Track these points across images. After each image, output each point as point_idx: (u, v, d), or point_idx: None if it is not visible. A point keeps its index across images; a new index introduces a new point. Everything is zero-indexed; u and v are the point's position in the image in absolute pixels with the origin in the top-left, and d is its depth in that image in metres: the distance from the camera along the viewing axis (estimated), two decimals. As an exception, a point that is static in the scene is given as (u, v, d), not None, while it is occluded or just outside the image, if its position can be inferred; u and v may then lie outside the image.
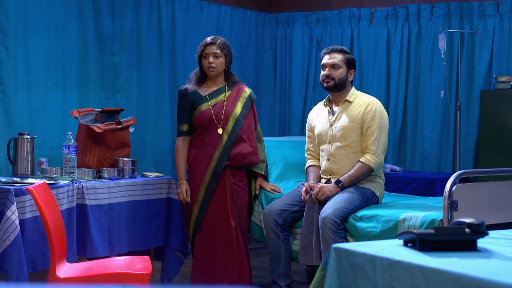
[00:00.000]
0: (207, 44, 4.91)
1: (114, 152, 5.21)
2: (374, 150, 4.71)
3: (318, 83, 7.33)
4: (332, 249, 2.75)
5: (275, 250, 4.79)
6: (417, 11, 6.77)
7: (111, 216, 4.89)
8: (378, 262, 2.56)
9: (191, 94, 4.92)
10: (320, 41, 7.33)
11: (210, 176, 4.83)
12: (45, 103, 5.58)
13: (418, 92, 6.77)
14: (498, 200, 4.28)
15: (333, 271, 2.71)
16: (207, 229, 4.83)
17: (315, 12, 7.37)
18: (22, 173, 4.99)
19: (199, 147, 4.91)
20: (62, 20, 5.69)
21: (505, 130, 5.92)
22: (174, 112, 6.54)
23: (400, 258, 2.52)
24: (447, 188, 4.05)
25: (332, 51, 4.90)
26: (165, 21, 6.45)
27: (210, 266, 4.83)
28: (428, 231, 2.64)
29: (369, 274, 2.58)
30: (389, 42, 6.93)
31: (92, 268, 4.05)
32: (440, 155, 6.63)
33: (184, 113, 4.95)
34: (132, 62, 6.22)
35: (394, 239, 2.86)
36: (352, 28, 7.13)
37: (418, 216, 4.26)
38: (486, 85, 6.36)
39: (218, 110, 4.88)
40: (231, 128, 4.87)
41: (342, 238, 4.49)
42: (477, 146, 6.35)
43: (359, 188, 4.71)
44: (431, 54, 6.67)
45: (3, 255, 4.22)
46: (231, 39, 7.13)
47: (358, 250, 2.65)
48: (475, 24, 6.43)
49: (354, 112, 4.81)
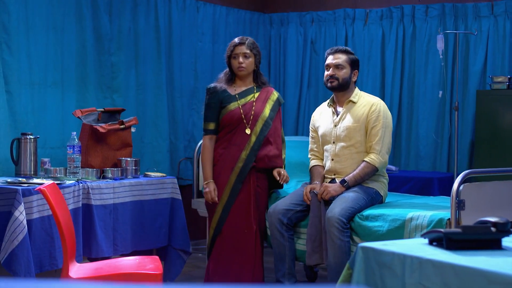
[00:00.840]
0: (236, 45, 4.89)
1: (116, 152, 5.22)
2: (378, 150, 4.75)
3: (312, 83, 7.39)
4: (359, 248, 2.77)
5: (280, 249, 4.81)
6: (412, 11, 6.82)
7: (115, 216, 4.89)
8: (407, 261, 2.59)
9: (220, 93, 4.88)
10: (315, 42, 7.37)
11: (236, 177, 4.82)
12: (45, 102, 5.58)
13: (413, 92, 6.82)
14: (503, 199, 4.33)
15: (360, 270, 2.74)
16: (229, 229, 4.82)
17: (309, 13, 7.40)
18: (25, 173, 4.97)
19: (225, 147, 4.87)
20: (61, 19, 5.69)
21: (501, 130, 5.98)
22: (172, 111, 6.59)
23: (430, 256, 2.55)
24: (454, 188, 4.09)
25: (336, 51, 4.93)
26: (162, 21, 6.46)
27: (227, 266, 4.82)
28: (455, 230, 2.67)
29: (397, 272, 2.61)
30: (384, 42, 6.98)
31: (103, 268, 4.05)
32: (435, 155, 6.69)
33: (212, 111, 4.88)
34: (130, 62, 6.22)
35: (419, 238, 2.89)
36: (347, 28, 7.17)
37: (426, 215, 4.30)
38: (480, 86, 6.42)
39: (248, 110, 4.88)
40: (259, 129, 4.88)
41: (348, 237, 4.52)
42: (472, 146, 6.41)
43: (364, 187, 4.75)
44: (426, 55, 6.73)
45: (11, 255, 4.21)
46: (226, 39, 7.14)
47: (386, 249, 2.68)
48: (470, 25, 6.49)
49: (359, 112, 4.84)
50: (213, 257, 4.86)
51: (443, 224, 4.19)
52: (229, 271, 4.82)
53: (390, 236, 4.36)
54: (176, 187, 5.29)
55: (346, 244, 4.50)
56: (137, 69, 6.28)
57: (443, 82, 6.50)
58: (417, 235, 4.27)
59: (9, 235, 4.23)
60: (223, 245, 4.83)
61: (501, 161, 5.82)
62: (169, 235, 5.24)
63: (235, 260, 4.82)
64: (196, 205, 5.79)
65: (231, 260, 4.82)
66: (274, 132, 4.96)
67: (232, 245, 4.82)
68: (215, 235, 4.84)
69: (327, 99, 7.17)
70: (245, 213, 4.82)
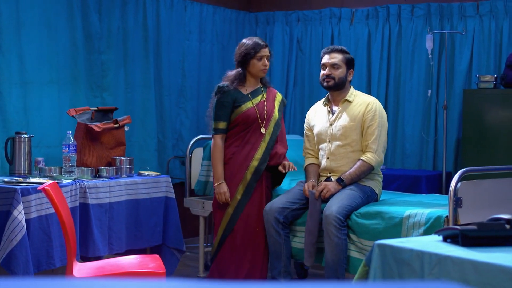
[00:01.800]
0: (262, 47, 4.90)
1: (110, 151, 5.21)
2: (375, 149, 4.80)
3: (298, 82, 7.42)
4: (375, 246, 2.81)
5: (276, 247, 4.83)
6: (398, 11, 6.88)
7: (111, 215, 4.89)
8: (425, 257, 2.63)
9: (233, 92, 4.87)
10: (300, 41, 7.41)
11: (251, 176, 4.85)
12: (37, 101, 5.55)
13: (399, 91, 6.88)
14: (500, 197, 4.40)
15: (377, 267, 2.78)
16: (241, 228, 4.84)
17: (295, 12, 7.43)
18: (20, 173, 4.95)
19: (238, 145, 4.88)
20: (52, 18, 5.67)
21: (488, 129, 6.06)
22: (160, 110, 6.58)
23: (449, 253, 2.59)
24: (452, 186, 4.15)
25: (332, 51, 4.97)
26: (150, 20, 6.46)
27: (238, 265, 4.83)
28: (470, 227, 2.72)
29: (416, 269, 2.65)
30: (370, 42, 7.03)
31: (105, 267, 4.04)
32: (421, 153, 6.76)
33: (224, 111, 4.86)
34: (119, 60, 6.21)
35: (433, 235, 2.93)
36: (333, 27, 7.22)
37: (423, 213, 4.35)
38: (466, 85, 6.50)
39: (261, 110, 4.92)
40: (272, 129, 4.93)
41: (345, 235, 4.56)
42: (457, 144, 6.49)
43: (360, 185, 4.79)
44: (412, 54, 6.79)
45: (10, 255, 4.20)
46: (213, 37, 7.17)
47: (404, 246, 2.72)
48: (456, 25, 6.57)
49: (355, 111, 4.88)
50: (221, 256, 4.85)
51: (441, 221, 4.24)
52: (238, 270, 4.83)
53: (387, 233, 4.40)
54: (170, 185, 5.30)
55: (343, 242, 4.54)
56: (126, 68, 6.27)
57: (433, 81, 6.56)
58: (414, 232, 4.33)
59: (8, 235, 4.21)
60: (234, 244, 4.83)
61: (488, 160, 5.89)
62: (163, 234, 5.24)
63: (246, 259, 4.85)
64: (188, 203, 5.79)
65: (242, 259, 4.84)
66: (281, 131, 5.02)
67: (243, 244, 4.84)
68: (225, 234, 4.84)
69: (313, 98, 7.30)
70: (257, 211, 4.86)
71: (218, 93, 4.88)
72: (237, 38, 7.44)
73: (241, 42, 4.98)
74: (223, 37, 7.28)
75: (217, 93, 4.88)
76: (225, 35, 7.32)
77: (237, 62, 4.95)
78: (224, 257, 4.85)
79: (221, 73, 7.23)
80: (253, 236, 4.85)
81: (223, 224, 4.85)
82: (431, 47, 6.13)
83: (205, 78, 7.09)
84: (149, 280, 1.25)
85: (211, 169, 5.52)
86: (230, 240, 4.84)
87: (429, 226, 4.27)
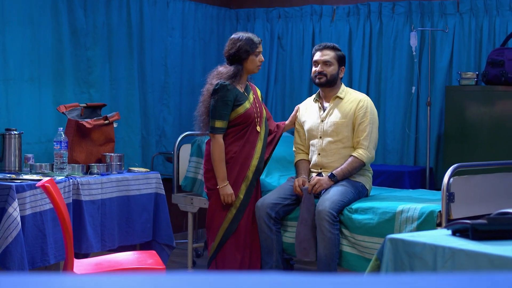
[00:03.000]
0: (259, 43, 4.88)
1: (100, 148, 5.21)
2: (366, 146, 4.86)
3: (279, 78, 7.46)
4: (387, 240, 2.86)
5: (268, 243, 4.87)
6: (379, 8, 6.95)
7: (103, 211, 4.89)
8: (439, 251, 2.69)
9: (234, 90, 4.79)
10: (281, 37, 7.45)
11: (252, 175, 4.85)
12: (21, 98, 5.51)
13: (380, 88, 6.96)
14: (490, 192, 4.49)
15: (389, 260, 2.83)
16: (243, 226, 4.85)
17: (276, 8, 7.47)
18: (10, 169, 4.93)
19: (239, 145, 4.82)
20: (37, 13, 5.64)
21: (469, 125, 6.16)
22: (144, 106, 6.58)
23: (462, 246, 2.65)
24: (445, 181, 4.23)
25: (324, 48, 5.01)
26: (134, 16, 6.45)
27: (239, 262, 4.85)
28: (480, 221, 2.78)
29: (428, 262, 2.71)
30: (351, 39, 7.09)
31: (103, 264, 4.05)
32: (402, 149, 6.84)
33: (227, 109, 4.75)
34: (104, 56, 6.19)
35: (441, 229, 2.99)
36: (314, 24, 7.27)
37: (416, 207, 4.42)
38: (447, 81, 6.60)
39: (256, 107, 4.91)
40: (264, 126, 4.95)
41: (337, 230, 4.62)
42: (438, 140, 6.59)
43: (352, 181, 4.85)
44: (393, 51, 6.87)
45: (5, 252, 4.19)
46: (195, 34, 7.18)
47: (416, 240, 2.77)
48: (436, 22, 6.66)
49: (346, 108, 4.94)
50: (223, 255, 4.85)
51: (434, 216, 4.32)
52: (242, 267, 4.85)
53: (380, 228, 4.47)
54: (160, 182, 5.32)
55: (336, 237, 4.59)
56: (110, 64, 6.25)
57: (416, 78, 6.65)
58: (407, 227, 4.39)
59: (3, 232, 4.20)
60: (238, 243, 4.84)
61: (470, 155, 5.99)
62: (153, 230, 5.25)
63: (249, 256, 4.87)
64: (176, 200, 5.80)
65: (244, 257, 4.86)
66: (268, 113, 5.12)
67: (246, 242, 4.86)
68: (227, 233, 4.83)
69: (294, 94, 7.35)
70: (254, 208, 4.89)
71: (220, 91, 4.74)
72: (218, 34, 7.47)
73: (235, 38, 4.86)
74: (204, 34, 7.30)
75: (219, 91, 4.74)
76: (207, 32, 7.33)
77: (233, 58, 4.83)
78: (226, 256, 4.84)
79: (203, 69, 7.25)
80: (254, 233, 4.88)
81: (225, 224, 4.83)
82: (415, 44, 6.22)
83: (187, 75, 7.10)
84: (164, 274, 1.27)
85: (199, 166, 5.54)
86: (233, 239, 4.84)
87: (422, 220, 4.35)
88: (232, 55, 4.83)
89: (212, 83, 4.83)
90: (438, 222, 4.29)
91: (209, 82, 4.88)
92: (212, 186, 4.86)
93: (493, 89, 6.04)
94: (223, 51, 4.94)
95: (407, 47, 6.73)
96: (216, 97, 4.75)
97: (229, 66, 4.85)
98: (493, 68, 6.02)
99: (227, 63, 4.89)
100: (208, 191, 4.90)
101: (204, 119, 4.87)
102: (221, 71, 4.85)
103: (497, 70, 5.98)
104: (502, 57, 5.97)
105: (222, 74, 4.81)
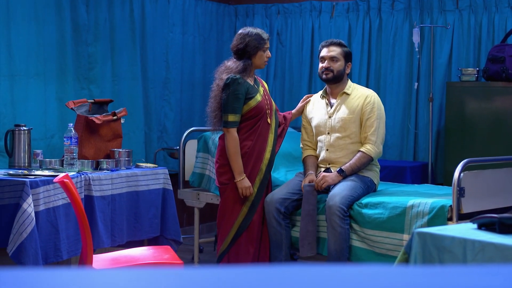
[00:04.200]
0: (268, 38, 4.93)
1: (108, 143, 5.22)
2: (374, 141, 4.92)
3: (278, 74, 7.50)
4: (415, 234, 2.91)
5: (277, 237, 4.90)
6: (378, 5, 7.00)
7: (113, 207, 4.91)
8: (468, 245, 2.74)
9: (245, 84, 4.80)
10: (280, 33, 7.48)
11: (266, 168, 4.88)
12: (26, 93, 5.51)
13: (379, 84, 7.01)
14: (499, 186, 4.56)
15: (417, 254, 2.87)
16: (257, 220, 4.88)
17: (275, 4, 7.50)
18: (20, 165, 4.93)
19: (252, 139, 4.84)
20: (41, 9, 5.63)
21: (470, 121, 6.22)
22: (146, 102, 6.59)
23: (491, 240, 2.70)
24: (456, 176, 4.29)
25: (330, 44, 5.06)
26: (136, 12, 6.45)
27: (252, 255, 4.89)
28: (507, 215, 2.83)
29: (458, 256, 2.76)
30: (350, 35, 7.13)
31: (119, 259, 4.07)
32: (402, 144, 6.90)
33: (240, 103, 4.76)
34: (106, 52, 6.19)
35: (467, 223, 3.04)
36: (313, 21, 7.30)
37: (427, 202, 4.48)
38: (446, 77, 6.66)
39: (266, 100, 4.94)
40: (274, 118, 4.97)
41: (348, 225, 4.67)
42: (438, 135, 6.65)
43: (360, 176, 4.90)
44: (392, 47, 6.92)
45: (20, 247, 4.20)
46: (195, 30, 7.20)
47: (445, 234, 2.82)
48: (436, 19, 6.71)
49: (353, 104, 4.98)
50: (237, 249, 4.87)
51: (445, 210, 4.37)
52: (255, 261, 4.88)
53: (390, 223, 4.53)
54: (168, 177, 5.34)
55: (346, 232, 4.64)
56: (113, 60, 6.26)
57: (416, 74, 6.70)
58: (418, 222, 4.45)
59: (18, 228, 4.21)
60: (251, 237, 4.87)
61: (471, 151, 6.06)
62: (161, 225, 5.28)
63: (262, 250, 4.91)
64: (183, 195, 5.82)
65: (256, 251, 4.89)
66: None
67: (259, 236, 4.90)
68: (242, 227, 4.85)
69: (293, 90, 7.39)
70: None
71: (232, 85, 4.75)
72: (217, 30, 7.49)
73: (243, 33, 4.88)
74: (204, 30, 7.32)
75: (231, 85, 4.75)
76: (206, 28, 7.35)
77: (241, 53, 4.84)
78: (240, 250, 4.87)
79: (202, 65, 7.28)
80: (264, 228, 4.92)
81: (240, 218, 4.85)
82: (418, 40, 6.27)
83: (187, 70, 7.12)
84: (190, 268, 1.27)
85: (206, 161, 5.57)
86: (247, 233, 4.88)
87: (433, 215, 4.40)
88: (241, 50, 4.85)
89: (222, 78, 4.83)
90: (449, 217, 4.35)
91: (219, 77, 4.87)
92: (226, 181, 4.86)
93: (494, 85, 6.11)
94: (231, 45, 4.96)
95: (407, 43, 6.79)
96: (227, 92, 4.76)
97: (238, 60, 4.86)
98: (493, 64, 6.09)
99: (234, 58, 4.90)
100: (221, 185, 4.89)
101: (216, 115, 4.86)
102: (230, 66, 4.85)
103: (498, 66, 6.05)
104: (503, 54, 6.04)
105: (231, 69, 4.82)
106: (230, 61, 4.90)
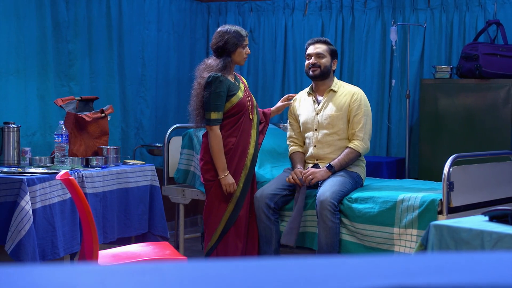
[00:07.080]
0: (246, 35, 4.95)
1: (95, 140, 5.23)
2: (362, 137, 5.03)
3: (251, 71, 7.56)
4: (431, 226, 3.01)
5: (266, 232, 4.98)
6: (351, 3, 7.11)
7: (105, 204, 4.93)
8: (485, 236, 2.85)
9: (226, 81, 4.84)
10: (253, 31, 7.54)
11: (250, 163, 4.93)
12: (6, 91, 5.47)
13: (352, 81, 7.11)
14: (486, 180, 4.71)
15: (434, 245, 2.98)
16: (244, 215, 4.93)
17: (248, 2, 7.56)
18: (10, 163, 4.91)
19: (236, 135, 4.90)
20: (22, 6, 5.60)
21: (444, 117, 6.38)
22: (123, 99, 6.60)
23: (509, 231, 2.82)
24: (445, 171, 4.43)
25: (316, 41, 5.15)
26: (113, 9, 6.45)
27: (241, 250, 4.94)
28: (519, 208, 2.96)
29: (476, 247, 2.87)
30: (324, 33, 7.23)
31: (121, 255, 4.09)
32: (375, 140, 7.03)
33: (222, 100, 4.80)
34: (84, 49, 6.18)
35: (478, 216, 3.16)
36: (286, 18, 7.39)
37: (417, 196, 4.60)
38: (418, 75, 6.81)
39: (248, 96, 5.00)
40: (256, 113, 5.02)
41: (338, 219, 4.77)
42: (410, 131, 6.80)
43: (349, 172, 5.00)
44: (365, 45, 7.05)
45: (18, 245, 4.20)
46: (169, 27, 7.22)
47: (461, 226, 2.93)
48: (408, 17, 6.86)
49: (340, 101, 5.08)
50: (225, 245, 4.91)
51: (435, 204, 4.50)
52: (243, 256, 4.94)
53: (381, 217, 4.65)
54: (155, 174, 5.37)
55: (337, 226, 4.74)
56: (90, 57, 6.25)
57: (388, 71, 6.85)
58: (408, 215, 4.57)
59: (16, 225, 4.21)
60: (239, 232, 4.92)
61: (445, 146, 6.23)
62: (149, 222, 5.31)
63: (249, 245, 4.97)
64: (167, 191, 5.85)
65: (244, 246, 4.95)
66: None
67: (246, 231, 4.95)
68: (229, 223, 4.90)
69: (266, 88, 7.47)
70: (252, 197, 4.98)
71: (213, 83, 4.79)
72: (190, 28, 7.52)
73: (222, 31, 4.90)
74: (178, 27, 7.35)
75: (213, 83, 4.78)
76: (180, 25, 7.38)
77: (221, 51, 4.87)
78: (228, 245, 4.91)
79: (177, 62, 7.31)
80: (251, 223, 4.99)
81: (227, 214, 4.90)
82: (395, 38, 6.41)
83: (162, 68, 7.14)
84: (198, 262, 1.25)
85: (191, 158, 5.61)
86: (234, 228, 4.93)
87: (423, 209, 4.52)
88: (221, 48, 4.87)
89: (203, 76, 4.86)
90: (439, 210, 4.48)
91: (200, 75, 4.90)
92: (211, 178, 4.91)
93: (467, 82, 6.28)
94: (210, 43, 4.98)
95: (379, 41, 6.93)
96: (209, 90, 4.79)
97: (218, 58, 4.90)
98: (467, 62, 6.26)
99: (214, 56, 4.93)
100: (207, 183, 4.94)
101: (199, 113, 4.88)
102: (210, 63, 4.88)
103: (471, 64, 6.21)
104: (476, 52, 6.21)
105: (212, 67, 4.85)
106: (210, 59, 4.93)
